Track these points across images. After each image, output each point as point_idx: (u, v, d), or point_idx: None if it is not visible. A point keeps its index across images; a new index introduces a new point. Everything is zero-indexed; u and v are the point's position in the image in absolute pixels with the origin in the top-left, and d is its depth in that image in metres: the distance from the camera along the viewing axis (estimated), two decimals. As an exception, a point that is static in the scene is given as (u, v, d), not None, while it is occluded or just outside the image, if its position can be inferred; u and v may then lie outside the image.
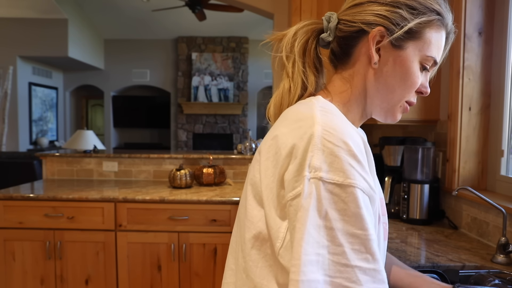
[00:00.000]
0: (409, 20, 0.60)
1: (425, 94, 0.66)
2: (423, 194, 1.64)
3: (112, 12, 6.58)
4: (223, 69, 7.42)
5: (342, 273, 0.48)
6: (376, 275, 0.49)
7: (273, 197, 0.55)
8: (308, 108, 0.58)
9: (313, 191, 0.49)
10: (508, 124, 1.48)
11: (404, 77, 0.62)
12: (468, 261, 1.20)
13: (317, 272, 0.47)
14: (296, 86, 0.65)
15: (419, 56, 0.62)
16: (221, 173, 2.63)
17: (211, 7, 5.14)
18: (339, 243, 0.48)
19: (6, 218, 2.21)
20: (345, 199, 0.49)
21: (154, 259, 2.22)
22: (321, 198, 0.49)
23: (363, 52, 0.63)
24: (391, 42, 0.61)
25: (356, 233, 0.49)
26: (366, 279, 0.48)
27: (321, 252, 0.48)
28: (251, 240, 0.58)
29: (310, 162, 0.50)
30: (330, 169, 0.50)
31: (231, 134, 7.65)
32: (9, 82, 5.83)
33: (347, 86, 0.66)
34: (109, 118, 7.74)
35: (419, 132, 1.92)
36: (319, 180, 0.49)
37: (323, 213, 0.49)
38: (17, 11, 5.86)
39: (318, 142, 0.51)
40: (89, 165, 2.88)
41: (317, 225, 0.49)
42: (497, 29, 1.51)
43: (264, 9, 2.97)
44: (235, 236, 0.66)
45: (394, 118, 0.68)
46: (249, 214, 0.59)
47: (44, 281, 2.23)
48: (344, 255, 0.48)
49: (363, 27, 0.62)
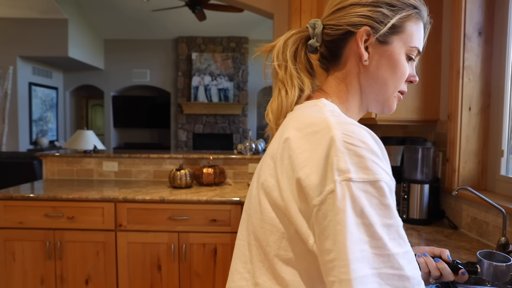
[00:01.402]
0: (390, 17, 0.65)
1: (415, 82, 0.71)
2: (423, 194, 1.64)
3: (112, 12, 6.58)
4: (223, 69, 7.42)
5: (385, 263, 0.51)
6: (409, 257, 0.53)
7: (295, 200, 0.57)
8: (318, 112, 0.61)
9: (346, 192, 0.52)
10: (508, 124, 1.48)
11: (394, 69, 0.67)
12: (468, 261, 1.20)
13: (364, 267, 0.50)
14: (292, 90, 0.69)
15: (405, 48, 0.67)
16: (221, 173, 2.63)
17: (211, 7, 5.14)
18: (378, 236, 0.51)
19: (6, 218, 2.21)
20: (375, 194, 0.52)
21: (154, 259, 2.22)
22: (355, 197, 0.52)
23: (353, 52, 0.67)
24: (378, 39, 0.65)
25: (389, 223, 0.52)
26: (404, 263, 0.51)
27: (364, 248, 0.51)
28: (276, 242, 0.60)
29: (338, 166, 0.53)
30: (357, 169, 0.53)
31: (231, 134, 7.65)
32: (9, 82, 5.83)
33: (342, 85, 0.70)
34: (109, 118, 7.74)
35: (419, 132, 1.92)
36: (350, 181, 0.52)
37: (359, 211, 0.51)
38: (17, 11, 5.86)
39: (340, 146, 0.54)
40: (89, 165, 2.88)
41: (356, 223, 0.51)
42: (497, 29, 1.51)
43: (264, 9, 2.97)
44: (244, 240, 0.68)
45: (390, 109, 0.72)
46: (267, 217, 0.61)
47: (44, 281, 2.23)
48: (384, 246, 0.51)
49: (350, 29, 0.66)
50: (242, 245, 0.68)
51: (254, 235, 0.64)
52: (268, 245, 0.61)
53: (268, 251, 0.61)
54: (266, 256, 0.62)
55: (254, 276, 0.64)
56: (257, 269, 0.63)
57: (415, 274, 0.52)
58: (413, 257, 0.53)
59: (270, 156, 0.64)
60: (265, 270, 0.62)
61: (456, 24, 1.56)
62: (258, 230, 0.63)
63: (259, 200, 0.64)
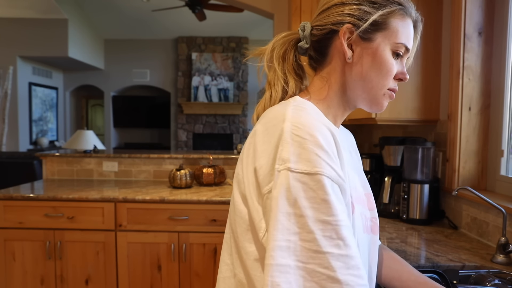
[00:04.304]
0: (372, 14, 0.65)
1: (405, 80, 0.70)
2: (423, 194, 1.64)
3: (112, 12, 6.58)
4: (223, 69, 7.42)
5: (315, 259, 0.50)
6: (349, 261, 0.51)
7: (254, 191, 0.58)
8: (282, 107, 0.62)
9: (283, 181, 0.52)
10: (508, 124, 1.48)
11: (379, 66, 0.66)
12: (468, 261, 1.20)
13: (288, 257, 0.50)
14: (276, 92, 0.71)
15: (389, 45, 0.66)
16: (221, 173, 2.63)
17: (211, 7, 5.14)
18: (310, 230, 0.50)
19: (6, 218, 2.21)
20: (313, 187, 0.52)
21: (154, 259, 2.22)
22: (290, 187, 0.52)
23: (337, 50, 0.68)
24: (360, 36, 0.66)
25: (326, 220, 0.51)
26: (339, 265, 0.50)
27: (292, 238, 0.50)
28: (242, 234, 0.61)
29: (280, 155, 0.54)
30: (298, 160, 0.53)
31: (231, 134, 7.65)
32: (9, 82, 5.83)
33: (324, 83, 0.71)
34: (109, 118, 7.74)
35: (419, 132, 1.92)
36: (288, 171, 0.52)
37: (292, 201, 0.51)
38: (17, 11, 5.86)
39: (287, 137, 0.55)
40: (89, 165, 2.88)
41: (287, 212, 0.51)
42: (497, 29, 1.51)
43: (264, 9, 2.97)
44: (228, 233, 0.69)
45: (380, 107, 0.71)
46: (237, 209, 0.63)
47: (44, 281, 2.23)
48: (315, 241, 0.50)
49: (333, 28, 0.67)
50: (227, 237, 0.70)
51: (231, 227, 0.66)
52: (237, 236, 0.62)
53: (237, 242, 0.63)
54: (236, 247, 0.63)
55: (234, 267, 0.65)
56: (235, 260, 0.65)
57: (350, 280, 0.50)
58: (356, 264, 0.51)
59: (243, 152, 0.66)
60: (240, 262, 0.63)
61: (456, 24, 1.56)
62: (232, 222, 0.65)
63: (233, 193, 0.66)
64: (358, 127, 2.68)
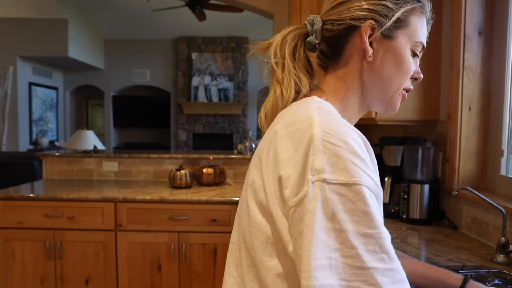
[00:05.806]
0: (395, 10, 0.62)
1: (419, 79, 0.68)
2: (423, 194, 1.64)
3: (112, 12, 6.58)
4: (223, 69, 7.42)
5: (359, 276, 0.46)
6: (395, 275, 0.47)
7: (278, 201, 0.54)
8: (305, 110, 0.57)
9: (318, 193, 0.48)
10: (508, 124, 1.48)
11: (399, 65, 0.64)
12: (468, 261, 1.20)
13: (330, 276, 0.46)
14: (288, 90, 0.65)
15: (410, 43, 0.64)
16: (221, 173, 2.63)
17: (211, 7, 5.15)
18: (351, 245, 0.46)
19: (6, 218, 2.21)
20: (352, 199, 0.48)
21: (154, 259, 2.22)
22: (327, 200, 0.47)
23: (356, 48, 0.64)
24: (382, 34, 0.62)
25: (368, 233, 0.47)
26: (385, 281, 0.46)
27: (333, 255, 0.46)
28: (261, 247, 0.57)
29: (312, 165, 0.49)
30: (333, 169, 0.48)
31: (231, 134, 7.65)
32: (9, 82, 5.83)
33: (341, 83, 0.66)
34: (109, 118, 7.74)
35: (419, 132, 1.92)
36: (323, 182, 0.48)
37: (330, 215, 0.47)
38: (17, 11, 5.86)
39: (318, 144, 0.50)
40: (89, 165, 2.88)
41: (325, 228, 0.47)
42: (497, 29, 1.51)
43: (264, 9, 2.97)
44: (235, 244, 0.65)
45: (394, 108, 0.68)
46: (254, 221, 0.58)
47: (44, 281, 2.23)
48: (358, 257, 0.46)
49: (353, 23, 0.62)
50: (234, 248, 0.65)
51: (243, 238, 0.61)
52: (253, 249, 0.58)
53: (254, 256, 0.58)
54: (252, 261, 0.59)
55: (244, 281, 0.61)
56: (246, 274, 0.60)
57: None
58: (401, 277, 0.48)
59: (258, 156, 0.60)
60: (252, 276, 0.59)
61: (456, 24, 1.56)
62: (246, 234, 0.60)
63: (247, 202, 0.60)
64: (358, 127, 2.68)
